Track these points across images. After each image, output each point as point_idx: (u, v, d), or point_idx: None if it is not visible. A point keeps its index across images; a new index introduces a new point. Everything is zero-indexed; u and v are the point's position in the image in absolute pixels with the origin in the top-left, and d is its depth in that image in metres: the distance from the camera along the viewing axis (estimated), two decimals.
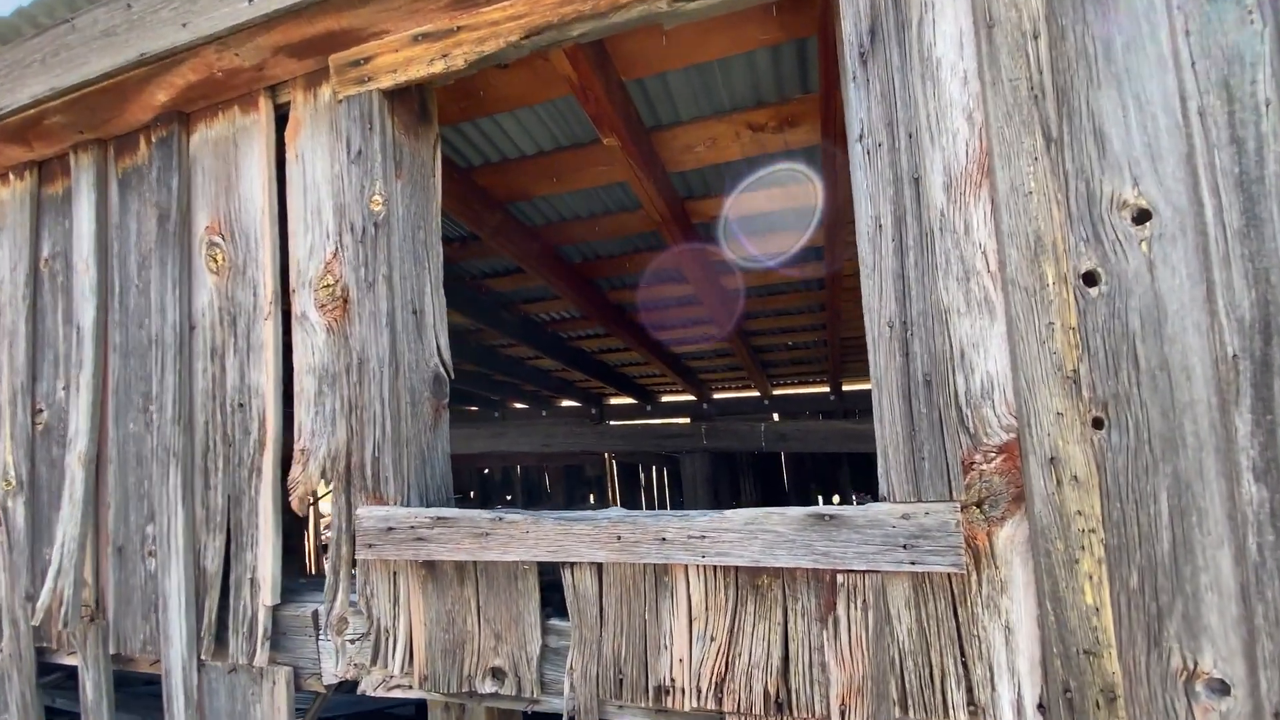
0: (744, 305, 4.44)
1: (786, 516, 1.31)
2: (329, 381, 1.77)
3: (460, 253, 3.49)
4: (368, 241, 1.72)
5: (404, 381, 1.71)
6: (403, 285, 1.74)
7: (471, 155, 2.62)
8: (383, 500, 1.66)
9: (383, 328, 1.69)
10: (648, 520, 1.41)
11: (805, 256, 3.67)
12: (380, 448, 1.67)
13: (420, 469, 1.72)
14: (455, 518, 1.56)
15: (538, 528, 1.48)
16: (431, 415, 1.78)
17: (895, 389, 1.28)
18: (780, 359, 6.13)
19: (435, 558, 1.57)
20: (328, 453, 1.74)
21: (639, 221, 3.11)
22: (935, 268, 1.26)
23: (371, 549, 1.64)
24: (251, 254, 1.92)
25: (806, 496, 7.29)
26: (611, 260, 3.63)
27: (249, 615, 1.85)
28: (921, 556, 1.23)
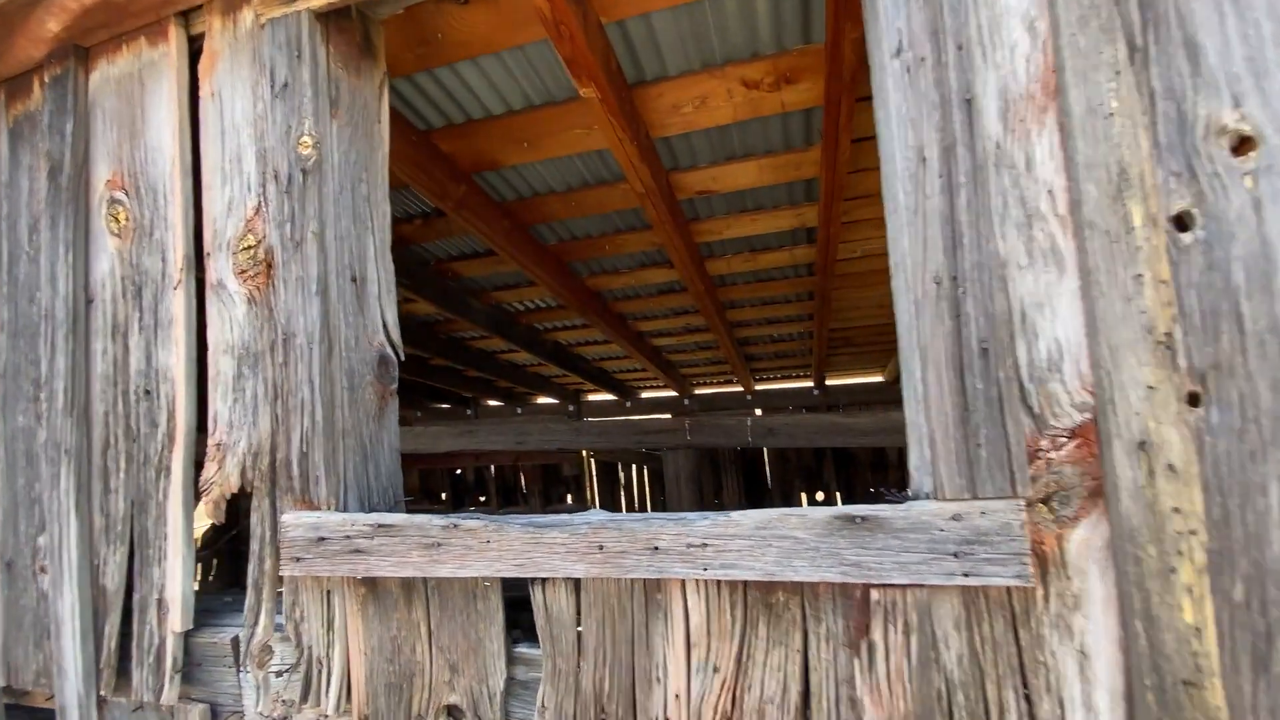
0: (730, 293, 4.21)
1: (808, 519, 1.06)
2: (250, 362, 1.47)
3: (423, 231, 3.19)
4: (294, 192, 1.43)
5: (340, 362, 1.42)
6: (339, 246, 1.45)
7: (431, 115, 2.33)
8: (313, 504, 1.37)
9: (312, 296, 1.40)
10: (636, 526, 1.14)
11: (796, 238, 3.44)
12: (309, 441, 1.38)
13: (360, 466, 1.43)
14: (400, 525, 1.28)
15: (501, 536, 1.21)
16: (375, 403, 1.49)
17: (944, 360, 1.04)
18: (764, 352, 5.93)
19: (376, 574, 1.29)
20: (248, 447, 1.45)
21: (620, 196, 2.85)
22: (991, 211, 1.03)
23: (299, 563, 1.35)
24: (160, 212, 1.61)
25: (790, 494, 7.10)
26: (590, 241, 3.36)
27: (155, 643, 1.54)
28: (977, 567, 0.99)
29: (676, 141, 2.51)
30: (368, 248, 1.52)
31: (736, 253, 3.58)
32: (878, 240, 3.39)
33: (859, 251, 3.52)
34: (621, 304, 4.40)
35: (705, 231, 3.23)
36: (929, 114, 1.06)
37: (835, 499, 6.99)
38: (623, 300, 4.35)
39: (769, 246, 3.52)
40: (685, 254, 3.15)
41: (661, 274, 3.83)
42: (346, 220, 1.48)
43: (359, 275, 1.49)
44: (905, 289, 1.09)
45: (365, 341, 1.49)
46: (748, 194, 2.93)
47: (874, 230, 3.27)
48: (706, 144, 2.53)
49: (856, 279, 3.91)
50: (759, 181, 2.75)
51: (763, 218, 3.11)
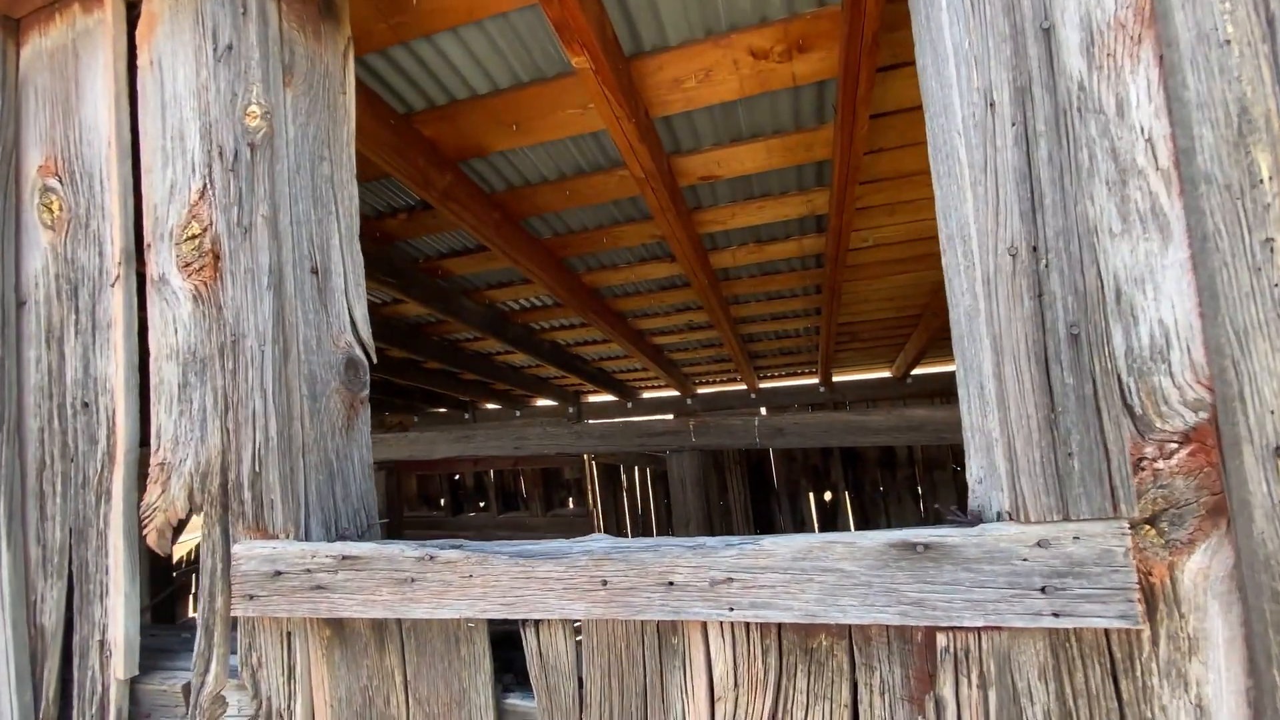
0: (734, 288, 4.02)
1: (857, 548, 0.87)
2: (197, 369, 1.27)
3: (409, 226, 3.00)
4: (241, 170, 1.24)
5: (298, 366, 1.23)
6: (295, 233, 1.26)
7: (410, 95, 2.13)
8: (268, 532, 1.18)
9: (263, 290, 1.21)
10: (646, 557, 0.95)
11: (805, 227, 3.25)
12: (262, 459, 1.18)
13: (325, 486, 1.24)
14: (367, 556, 1.09)
15: (485, 570, 1.02)
16: (342, 413, 1.30)
17: (1023, 350, 0.84)
18: (769, 349, 5.74)
19: (341, 614, 1.10)
20: (195, 467, 1.25)
21: (617, 184, 2.66)
22: (1077, 167, 0.84)
23: (253, 602, 1.15)
24: (96, 200, 1.42)
25: (796, 494, 6.92)
26: (586, 235, 3.17)
27: (98, 691, 1.35)
28: (1070, 605, 0.80)
29: (678, 121, 2.32)
30: (331, 235, 1.33)
31: (742, 244, 3.39)
32: (891, 228, 3.20)
33: (870, 240, 3.33)
34: (621, 301, 4.21)
35: (709, 221, 3.04)
36: (997, 48, 0.87)
37: (843, 499, 6.80)
38: (622, 297, 4.16)
39: (776, 237, 3.33)
40: (688, 246, 2.96)
41: (663, 268, 3.64)
42: (305, 203, 1.29)
43: (320, 266, 1.30)
44: (966, 265, 0.90)
45: (329, 342, 1.30)
46: (754, 179, 2.74)
47: (887, 217, 3.08)
48: (710, 124, 2.34)
49: (867, 270, 3.72)
50: (767, 165, 2.56)
51: (770, 205, 2.92)
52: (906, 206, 2.98)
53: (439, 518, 8.23)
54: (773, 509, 7.01)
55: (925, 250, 3.48)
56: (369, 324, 1.38)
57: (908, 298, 4.26)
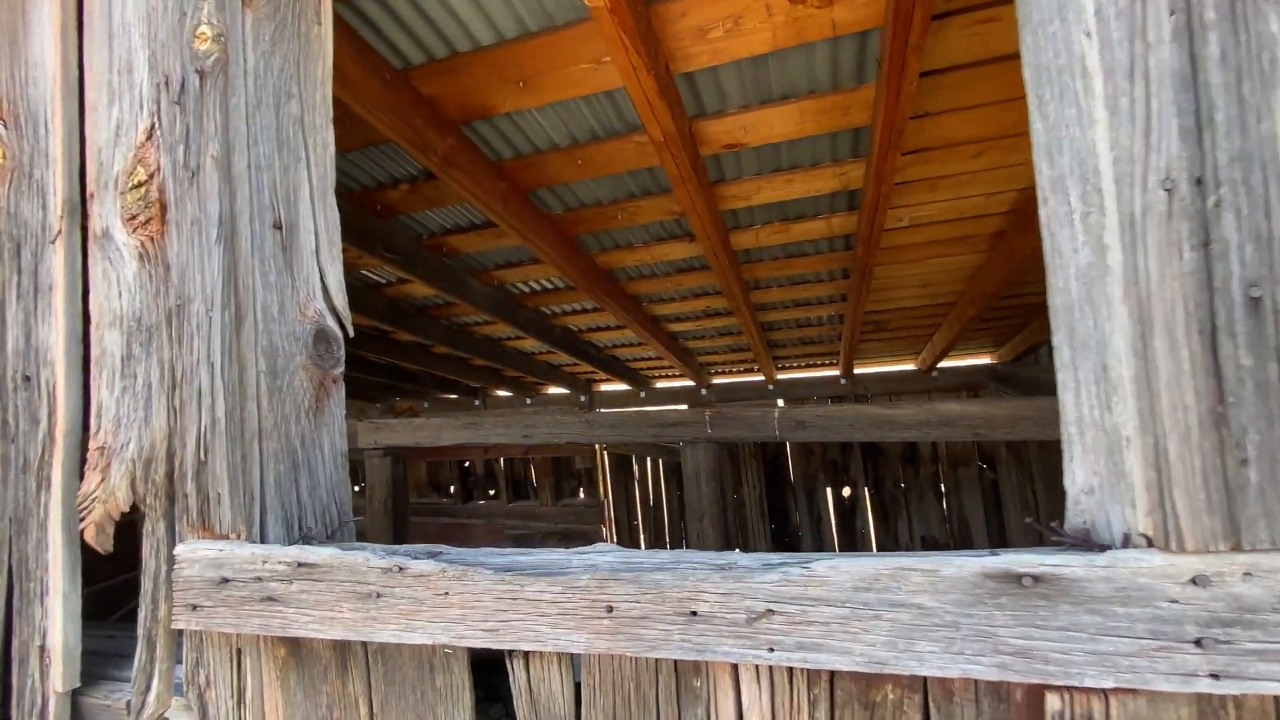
0: (756, 271, 3.79)
1: (941, 577, 0.66)
2: (143, 339, 1.09)
3: (411, 199, 2.81)
4: (188, 102, 1.05)
5: (254, 337, 1.04)
6: (254, 179, 1.07)
7: (407, 47, 1.93)
8: (214, 531, 1.00)
9: (210, 245, 1.02)
10: (663, 578, 0.76)
11: (835, 204, 3.01)
12: (207, 445, 1.00)
13: (286, 478, 1.06)
14: (326, 564, 0.90)
15: (465, 586, 0.83)
16: (310, 392, 1.12)
17: (1179, 317, 0.63)
18: (789, 338, 5.50)
19: (296, 633, 0.91)
20: (139, 452, 1.08)
21: (634, 152, 2.45)
22: (1261, 70, 0.62)
23: (195, 613, 0.98)
24: (40, 145, 1.24)
25: (814, 490, 6.70)
26: (599, 210, 2.96)
27: (37, 704, 1.19)
28: (1237, 664, 0.59)
29: (702, 79, 2.09)
30: (299, 186, 1.14)
31: (766, 223, 3.16)
32: (931, 206, 2.96)
33: (906, 220, 3.08)
34: (635, 284, 4.00)
35: (731, 196, 2.82)
36: None
37: (863, 495, 6.57)
38: (637, 280, 3.95)
39: (804, 214, 3.10)
40: (709, 222, 2.74)
41: (680, 249, 3.42)
42: (266, 146, 1.09)
43: (285, 221, 1.11)
44: (1086, 211, 0.68)
45: (294, 310, 1.11)
46: (784, 148, 2.51)
47: (927, 194, 2.84)
48: (738, 81, 2.11)
49: (901, 253, 3.47)
50: (799, 131, 2.33)
51: (799, 178, 2.69)
52: (950, 182, 2.74)
53: (448, 505, 8.13)
54: (788, 504, 6.80)
55: (966, 231, 3.22)
56: (345, 292, 1.19)
57: (942, 284, 4.01)
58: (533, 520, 7.57)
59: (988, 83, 2.13)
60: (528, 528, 7.57)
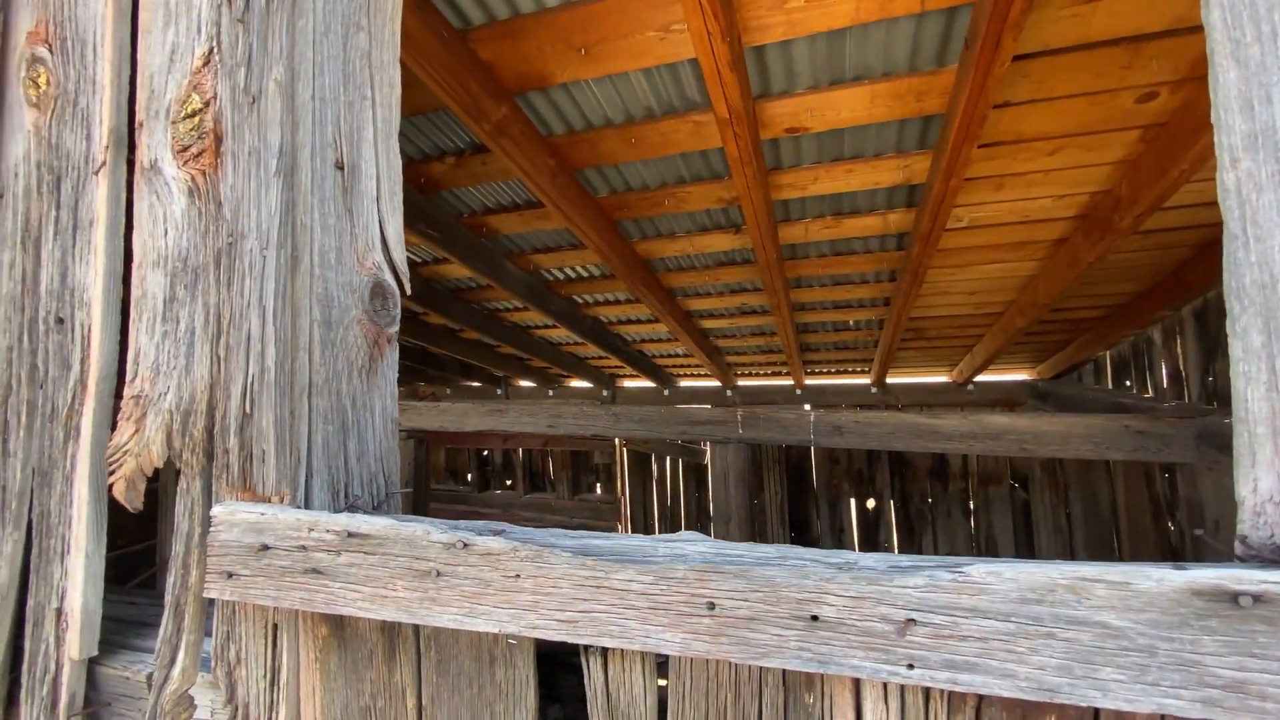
0: (799, 269, 3.66)
1: (1135, 591, 0.55)
2: (188, 281, 1.01)
3: (456, 173, 2.73)
4: (253, 20, 0.96)
5: (310, 283, 0.95)
6: (318, 112, 0.98)
7: (469, 6, 1.85)
8: (256, 493, 0.91)
9: (269, 178, 0.93)
10: (777, 574, 0.64)
11: (894, 200, 2.88)
12: (254, 397, 0.91)
13: (335, 440, 0.96)
14: (381, 536, 0.81)
15: (539, 569, 0.73)
16: (364, 349, 1.02)
17: None
18: (823, 342, 5.36)
19: (342, 610, 0.82)
20: (178, 403, 0.99)
21: (690, 132, 2.34)
22: None
23: (230, 581, 0.89)
24: (88, 72, 1.16)
25: (837, 499, 6.54)
26: (647, 195, 2.86)
27: (51, 670, 1.11)
28: None
29: (772, 54, 1.98)
30: (363, 125, 1.05)
31: (818, 216, 3.04)
32: (994, 206, 2.81)
33: (965, 220, 2.94)
34: (673, 276, 3.89)
35: (786, 185, 2.70)
36: None
37: (888, 508, 6.40)
38: (675, 272, 3.84)
39: (859, 209, 2.97)
40: (762, 211, 2.63)
41: (724, 240, 3.31)
42: (332, 77, 1.00)
43: (347, 161, 1.02)
44: None
45: (352, 259, 1.02)
46: (848, 135, 2.38)
47: (992, 193, 2.69)
48: (809, 58, 1.99)
49: (953, 255, 3.32)
50: (867, 116, 2.20)
51: (860, 169, 2.56)
52: (1019, 181, 2.59)
53: (465, 492, 8.10)
54: (810, 512, 6.65)
55: (1027, 236, 3.07)
56: (403, 245, 1.10)
57: (991, 292, 3.84)
58: (549, 513, 7.50)
59: (1076, 73, 1.99)
60: (543, 520, 7.50)
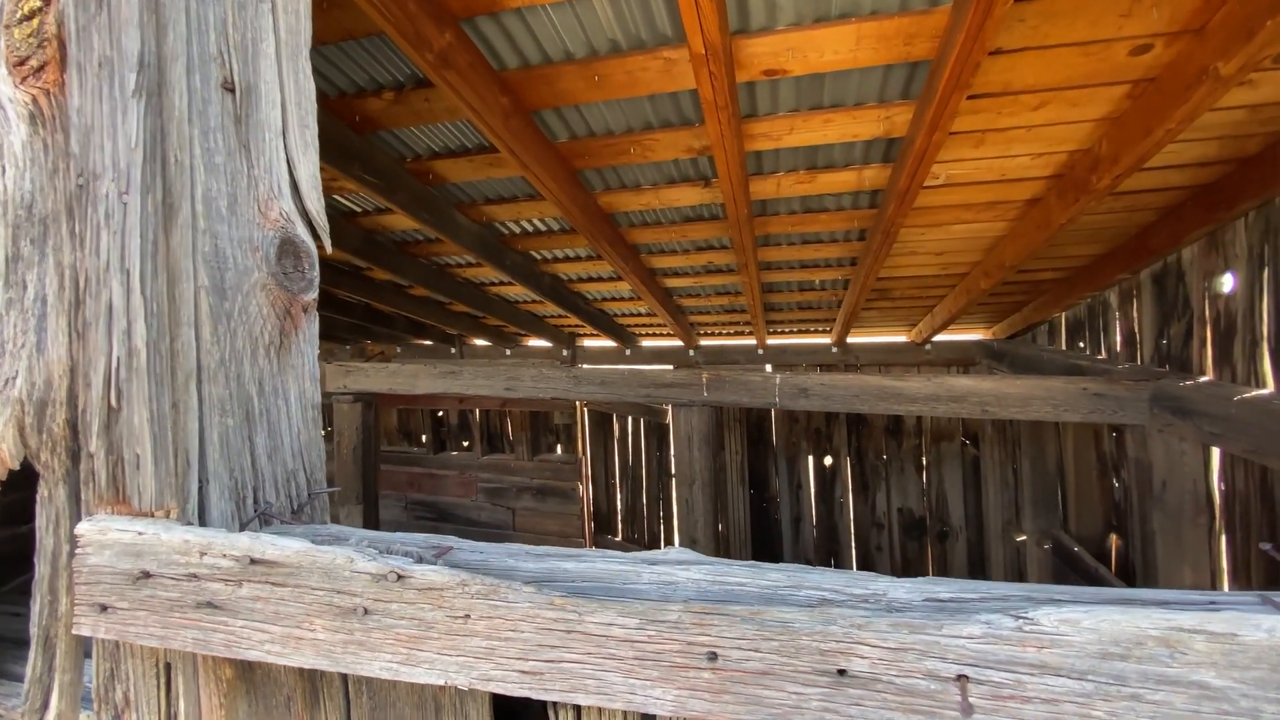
0: (768, 226, 3.52)
1: (1240, 646, 0.44)
2: (36, 234, 0.79)
3: (396, 111, 2.44)
4: None
5: (191, 238, 0.75)
6: (196, 11, 0.75)
7: None
8: (130, 505, 0.73)
9: (125, 98, 0.71)
10: (795, 617, 0.51)
11: (871, 154, 2.74)
12: (121, 386, 0.72)
13: (237, 436, 0.78)
14: (292, 564, 0.64)
15: (495, 609, 0.58)
16: (272, 322, 0.83)
17: None
18: (787, 301, 5.28)
19: (246, 654, 0.66)
20: (29, 391, 0.78)
21: (659, 71, 2.12)
22: None
23: (105, 616, 0.71)
24: None
25: (795, 457, 6.62)
26: (610, 142, 2.63)
27: None
28: None
29: None
30: (260, 36, 0.82)
31: (791, 170, 2.88)
32: (972, 164, 2.70)
33: (942, 178, 2.83)
34: (637, 232, 3.69)
35: (761, 135, 2.52)
36: None
37: (844, 465, 6.51)
38: (640, 227, 3.64)
39: (834, 164, 2.82)
40: (735, 163, 2.45)
41: (693, 194, 3.12)
42: None
43: (240, 81, 0.80)
44: None
45: (250, 209, 0.81)
46: (829, 80, 2.21)
47: (972, 149, 2.58)
48: None
49: (925, 214, 3.23)
50: (851, 59, 2.03)
51: (839, 119, 2.40)
52: (1000, 137, 2.48)
53: (419, 454, 7.87)
54: (769, 470, 6.72)
55: (1000, 196, 2.99)
56: (320, 192, 0.89)
57: (960, 252, 3.79)
58: (507, 474, 7.37)
59: (1074, 19, 1.86)
60: (502, 481, 7.38)
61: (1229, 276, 2.65)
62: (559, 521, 7.10)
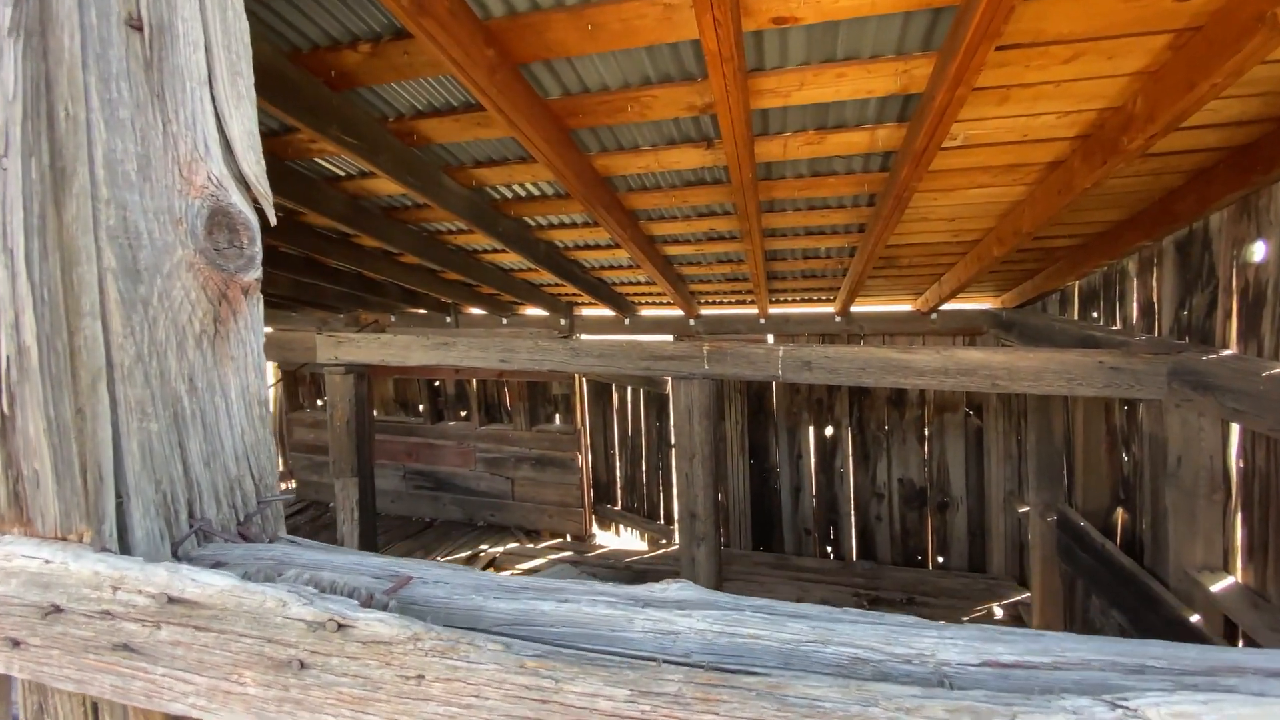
0: (773, 190, 3.35)
1: None
2: None
3: (374, 65, 2.26)
4: None
5: (90, 210, 0.62)
6: None
7: None
8: (33, 528, 0.62)
9: (0, 37, 0.58)
10: (827, 696, 0.41)
11: (885, 112, 2.56)
12: (13, 391, 0.60)
13: (163, 443, 0.67)
14: (216, 605, 0.54)
15: (453, 670, 0.47)
16: (204, 308, 0.71)
17: None
18: (791, 270, 5.12)
19: (169, 706, 0.56)
20: None
21: (657, 20, 1.94)
22: None
23: (19, 653, 0.61)
24: None
25: (796, 427, 6.55)
26: (605, 99, 2.45)
27: None
28: None
29: None
30: None
31: (799, 130, 2.70)
32: (993, 123, 2.53)
33: (960, 138, 2.66)
34: (636, 197, 3.52)
35: (768, 92, 2.34)
36: None
37: (844, 436, 6.45)
38: (638, 192, 3.47)
39: (845, 123, 2.64)
40: (740, 122, 2.28)
41: (694, 156, 2.95)
42: None
43: (150, 17, 0.66)
44: None
45: (170, 172, 0.68)
46: (844, 28, 2.03)
47: (994, 107, 2.41)
48: None
49: (940, 178, 3.06)
50: (870, 5, 1.86)
51: (853, 73, 2.22)
52: (1027, 93, 2.30)
53: (416, 424, 7.82)
54: (769, 440, 6.67)
55: (1021, 158, 2.82)
56: (260, 152, 0.76)
57: (973, 218, 3.63)
58: (506, 444, 7.33)
59: None
60: (501, 451, 7.34)
61: (1260, 244, 2.51)
62: (558, 491, 7.08)
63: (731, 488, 6.74)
